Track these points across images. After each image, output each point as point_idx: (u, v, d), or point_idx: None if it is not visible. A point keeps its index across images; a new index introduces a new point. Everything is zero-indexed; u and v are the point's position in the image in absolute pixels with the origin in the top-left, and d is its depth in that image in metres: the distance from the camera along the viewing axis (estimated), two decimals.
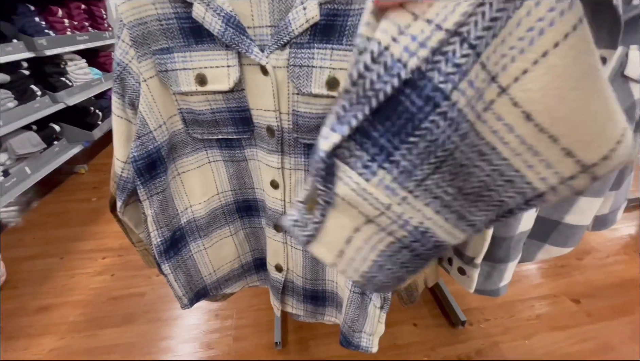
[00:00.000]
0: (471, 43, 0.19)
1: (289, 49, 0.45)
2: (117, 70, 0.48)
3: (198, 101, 0.51)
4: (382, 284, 0.27)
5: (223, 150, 0.59)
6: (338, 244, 0.26)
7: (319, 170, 0.23)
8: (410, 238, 0.25)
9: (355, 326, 0.62)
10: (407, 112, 0.21)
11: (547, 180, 0.22)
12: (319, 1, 0.42)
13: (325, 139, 0.23)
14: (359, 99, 0.21)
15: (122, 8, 0.45)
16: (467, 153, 0.22)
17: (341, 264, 0.26)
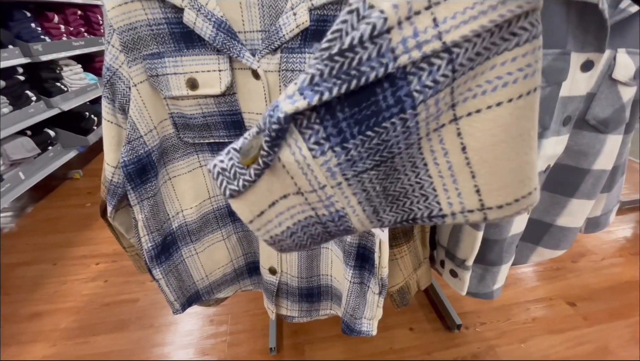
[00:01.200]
0: (455, 66, 0.20)
1: (280, 54, 0.45)
2: (107, 75, 0.48)
3: (189, 105, 0.51)
4: (286, 247, 0.28)
5: (215, 154, 0.59)
6: (261, 206, 0.25)
7: (271, 130, 0.22)
8: (328, 218, 0.26)
9: (357, 314, 0.64)
10: (376, 106, 0.21)
11: (452, 206, 0.25)
12: (309, 7, 0.42)
13: (291, 101, 0.21)
14: (340, 73, 0.20)
15: (111, 13, 0.46)
16: (404, 161, 0.24)
17: (256, 223, 0.26)
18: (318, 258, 0.65)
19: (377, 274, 0.56)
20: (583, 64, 0.57)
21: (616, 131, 0.64)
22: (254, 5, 0.45)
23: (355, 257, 0.57)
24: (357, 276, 0.59)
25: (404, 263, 0.62)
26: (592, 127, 0.64)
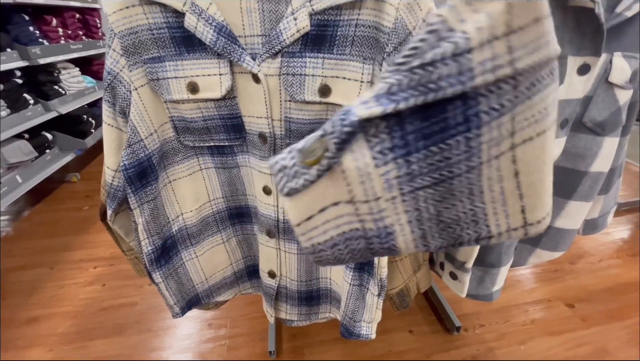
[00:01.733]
0: (517, 93, 0.21)
1: (281, 58, 0.46)
2: (108, 79, 0.49)
3: (189, 109, 0.52)
4: (324, 259, 0.28)
5: (215, 157, 0.59)
6: (312, 210, 0.25)
7: (342, 132, 0.22)
8: (375, 233, 0.26)
9: (356, 317, 0.63)
10: (445, 122, 0.22)
11: (499, 227, 0.25)
12: (309, 12, 0.42)
13: (365, 107, 0.22)
14: (418, 85, 0.21)
15: (113, 18, 0.46)
16: (462, 186, 0.24)
17: (302, 227, 0.26)
18: None
19: (376, 275, 0.56)
20: (580, 68, 0.58)
21: (613, 134, 0.65)
22: (255, 10, 0.45)
23: None
24: (357, 278, 0.59)
25: (403, 266, 0.62)
26: (589, 130, 0.65)
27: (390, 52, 0.41)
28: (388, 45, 0.41)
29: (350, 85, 0.46)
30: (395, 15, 0.40)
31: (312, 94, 0.47)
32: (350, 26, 0.43)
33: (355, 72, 0.45)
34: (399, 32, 0.40)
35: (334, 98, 0.47)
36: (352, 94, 0.46)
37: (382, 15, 0.41)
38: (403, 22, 0.40)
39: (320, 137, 0.23)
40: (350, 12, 0.42)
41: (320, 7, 0.42)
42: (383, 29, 0.41)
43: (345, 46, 0.44)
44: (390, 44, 0.41)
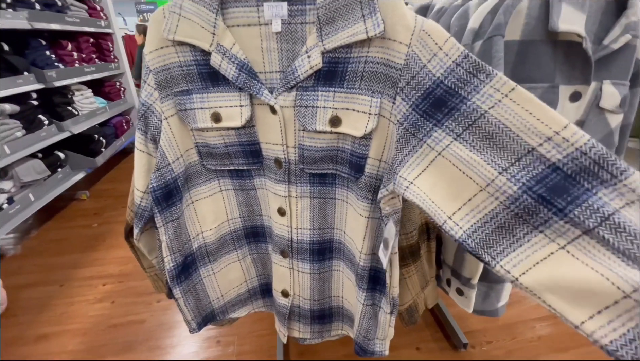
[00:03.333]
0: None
1: (296, 92, 0.50)
2: (142, 109, 0.53)
3: (213, 136, 0.56)
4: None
5: (234, 179, 0.63)
6: None
7: None
8: None
9: (370, 335, 0.65)
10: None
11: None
12: (321, 50, 0.47)
13: None
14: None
15: (149, 57, 0.51)
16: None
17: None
18: (330, 281, 0.68)
19: (388, 294, 0.58)
20: (571, 95, 0.63)
21: None
22: (274, 50, 0.51)
23: (367, 280, 0.60)
24: (370, 298, 0.61)
25: (412, 282, 0.64)
26: None
27: (404, 87, 0.45)
28: (400, 80, 0.45)
29: (359, 116, 0.50)
30: (406, 52, 0.44)
31: (323, 124, 0.51)
32: (360, 63, 0.48)
33: (364, 105, 0.49)
34: (411, 68, 0.44)
35: (343, 128, 0.51)
36: (360, 125, 0.50)
37: (391, 53, 0.45)
38: (416, 57, 0.43)
39: None
40: (360, 49, 0.47)
41: (332, 46, 0.46)
42: (394, 65, 0.45)
43: (355, 81, 0.49)
44: (403, 80, 0.45)
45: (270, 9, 0.48)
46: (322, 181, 0.59)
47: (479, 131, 0.39)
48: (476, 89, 0.39)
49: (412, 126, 0.44)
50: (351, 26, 0.45)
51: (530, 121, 0.35)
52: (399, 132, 0.46)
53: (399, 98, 0.46)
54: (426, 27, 0.42)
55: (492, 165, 0.38)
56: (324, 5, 0.45)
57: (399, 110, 0.46)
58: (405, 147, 0.45)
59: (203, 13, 0.48)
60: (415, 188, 0.43)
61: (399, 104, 0.45)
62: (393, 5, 0.43)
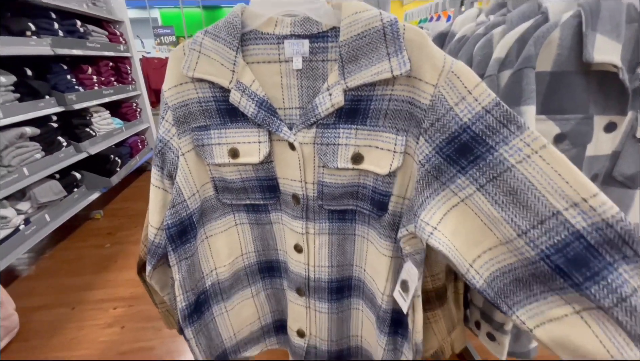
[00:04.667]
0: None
1: (316, 129, 0.49)
2: (159, 146, 0.52)
3: (230, 171, 0.54)
4: None
5: (250, 214, 0.61)
6: None
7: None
8: None
9: None
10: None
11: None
12: (343, 88, 0.45)
13: None
14: None
15: (168, 93, 0.50)
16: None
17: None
18: (349, 320, 0.64)
19: (411, 339, 0.54)
20: (606, 126, 0.59)
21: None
22: (294, 87, 0.49)
23: (389, 323, 0.56)
24: (391, 343, 0.57)
25: (437, 327, 0.60)
26: (619, 183, 0.64)
27: (428, 128, 0.43)
28: (424, 121, 0.43)
29: (382, 154, 0.47)
30: (432, 92, 0.42)
31: (345, 161, 0.49)
32: (384, 100, 0.46)
33: (388, 143, 0.47)
34: (436, 109, 0.41)
35: (366, 165, 0.49)
36: (384, 162, 0.47)
37: (417, 92, 0.43)
38: (442, 98, 0.41)
39: None
40: (383, 87, 0.45)
41: (354, 84, 0.45)
42: (419, 105, 0.43)
43: (379, 118, 0.47)
44: (427, 120, 0.43)
45: (291, 47, 0.47)
46: (342, 217, 0.56)
47: (503, 185, 0.37)
48: (505, 140, 0.37)
49: (435, 168, 0.42)
50: (375, 64, 0.43)
51: (559, 182, 0.34)
52: (419, 173, 0.44)
53: (422, 139, 0.43)
54: (455, 68, 0.40)
55: (512, 226, 0.37)
56: (347, 44, 0.43)
57: (421, 150, 0.44)
58: (426, 190, 0.43)
59: (223, 51, 0.47)
60: (440, 235, 0.42)
61: (422, 145, 0.43)
62: (420, 43, 0.41)
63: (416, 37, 0.42)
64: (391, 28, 0.42)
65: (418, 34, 0.42)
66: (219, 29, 0.47)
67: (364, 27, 0.42)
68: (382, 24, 0.42)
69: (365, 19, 0.42)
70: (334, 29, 0.46)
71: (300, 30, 0.46)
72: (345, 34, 0.43)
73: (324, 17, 0.45)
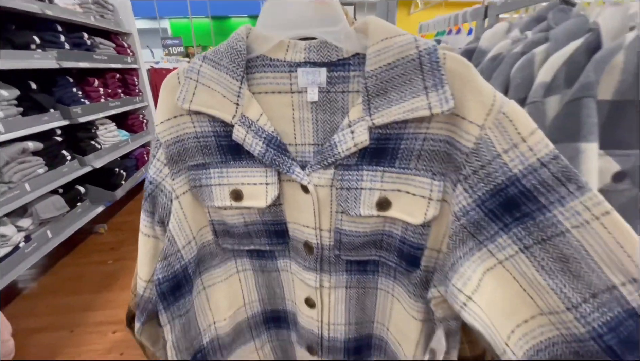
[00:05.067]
0: None
1: (334, 170, 0.41)
2: (150, 188, 0.45)
3: (231, 215, 0.47)
4: None
5: (254, 260, 0.53)
6: None
7: None
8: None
9: None
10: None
11: None
12: (369, 126, 0.38)
13: None
14: None
15: (160, 128, 0.43)
16: None
17: None
18: None
19: None
20: None
21: None
22: (308, 120, 0.42)
23: None
24: None
25: None
26: None
27: (468, 176, 0.35)
28: (465, 167, 0.35)
29: (415, 201, 0.40)
30: (477, 134, 0.34)
31: (369, 207, 0.42)
32: (417, 140, 0.38)
33: (422, 188, 0.39)
34: (481, 155, 0.34)
35: (394, 212, 0.41)
36: (418, 211, 0.40)
37: (458, 132, 0.36)
38: (489, 142, 0.34)
39: None
40: (417, 125, 0.38)
41: (382, 121, 0.37)
42: (460, 147, 0.36)
43: (410, 160, 0.39)
44: (469, 167, 0.35)
45: (305, 76, 0.39)
46: (362, 269, 0.48)
47: (553, 250, 0.32)
48: (561, 200, 0.32)
49: (473, 225, 0.36)
50: (409, 99, 0.35)
51: (619, 254, 0.30)
52: (453, 227, 0.37)
53: (460, 187, 0.36)
54: (507, 109, 0.33)
55: (561, 297, 0.32)
56: (374, 75, 0.36)
57: (457, 201, 0.37)
58: (460, 248, 0.37)
59: (225, 80, 0.40)
60: (475, 307, 0.35)
61: (459, 194, 0.36)
62: (465, 75, 0.34)
63: (460, 67, 0.35)
64: (429, 57, 0.34)
65: (462, 64, 0.35)
66: (220, 55, 0.40)
67: (396, 55, 0.35)
68: (418, 52, 0.35)
69: (397, 46, 0.35)
70: (358, 56, 0.38)
71: (317, 56, 0.39)
72: (373, 63, 0.36)
73: (345, 42, 0.38)
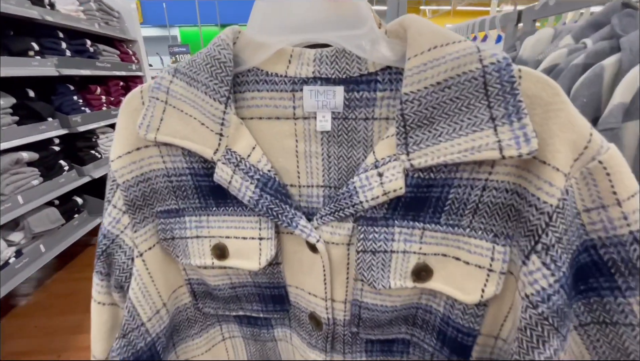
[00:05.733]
0: None
1: (354, 224, 0.30)
2: (103, 244, 0.34)
3: (214, 275, 0.36)
4: None
5: (243, 326, 0.42)
6: None
7: None
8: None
9: None
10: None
11: None
12: (405, 168, 0.27)
13: None
14: None
15: (117, 164, 0.32)
16: None
17: None
18: None
19: None
20: None
21: None
22: (316, 155, 0.31)
23: None
24: None
25: None
26: None
27: (551, 245, 0.24)
28: (548, 233, 0.24)
29: (468, 271, 0.28)
30: (563, 186, 0.23)
31: (402, 277, 0.30)
32: (474, 188, 0.27)
33: (478, 255, 0.28)
34: (566, 214, 0.24)
35: (436, 284, 0.30)
36: (470, 285, 0.28)
37: (535, 182, 0.25)
38: (572, 195, 0.24)
39: None
40: (474, 168, 0.27)
41: (425, 163, 0.26)
42: (536, 204, 0.25)
43: (463, 215, 0.28)
44: (553, 233, 0.24)
45: (314, 97, 0.28)
46: (387, 350, 0.37)
47: (613, 337, 0.27)
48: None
49: (557, 313, 0.25)
50: (468, 134, 0.24)
51: None
52: (526, 317, 0.26)
53: (536, 260, 0.25)
54: (606, 157, 0.23)
55: None
56: (416, 98, 0.25)
57: (533, 279, 0.25)
58: (538, 347, 0.26)
59: (204, 103, 0.29)
60: None
61: (536, 271, 0.25)
62: (550, 102, 0.24)
63: (541, 89, 0.24)
64: (499, 75, 0.23)
65: (545, 86, 0.24)
66: (197, 68, 0.29)
67: (449, 71, 0.24)
68: (483, 68, 0.24)
69: (452, 58, 0.24)
70: (389, 71, 0.27)
71: (331, 70, 0.28)
72: (415, 82, 0.25)
73: (371, 50, 0.27)
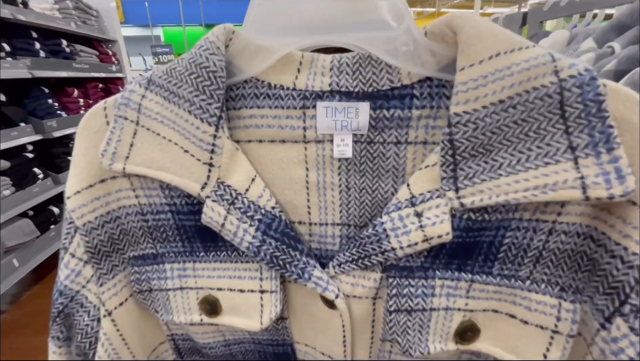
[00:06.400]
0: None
1: (382, 274, 0.24)
2: (59, 303, 0.27)
3: (203, 332, 0.29)
4: None
5: None
6: None
7: None
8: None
9: None
10: None
11: None
12: (452, 208, 0.21)
13: None
14: None
15: (74, 202, 0.25)
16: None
17: None
18: None
19: None
20: None
21: None
22: (332, 187, 0.25)
23: None
24: None
25: None
26: None
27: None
28: (637, 290, 0.19)
29: (525, 331, 0.23)
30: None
31: (443, 339, 0.24)
32: (537, 232, 0.21)
33: (540, 313, 0.22)
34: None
35: (482, 344, 0.24)
36: (526, 346, 0.23)
37: (620, 227, 0.19)
38: None
39: None
40: (539, 208, 0.21)
41: (481, 203, 0.20)
42: (621, 253, 0.19)
43: (522, 264, 0.22)
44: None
45: (330, 115, 0.22)
46: None
47: None
48: None
49: None
50: (538, 167, 0.19)
51: None
52: None
53: (622, 324, 0.20)
54: None
55: None
56: (471, 121, 0.19)
57: (616, 348, 0.20)
58: None
59: (187, 124, 0.23)
60: None
61: (621, 337, 0.20)
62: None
63: (632, 112, 0.18)
64: (581, 92, 0.18)
65: (636, 107, 0.18)
66: (179, 79, 0.23)
67: (516, 86, 0.18)
68: (559, 82, 0.18)
69: (520, 69, 0.18)
70: (429, 83, 0.21)
71: (353, 82, 0.22)
72: (471, 99, 0.19)
73: (405, 57, 0.20)
